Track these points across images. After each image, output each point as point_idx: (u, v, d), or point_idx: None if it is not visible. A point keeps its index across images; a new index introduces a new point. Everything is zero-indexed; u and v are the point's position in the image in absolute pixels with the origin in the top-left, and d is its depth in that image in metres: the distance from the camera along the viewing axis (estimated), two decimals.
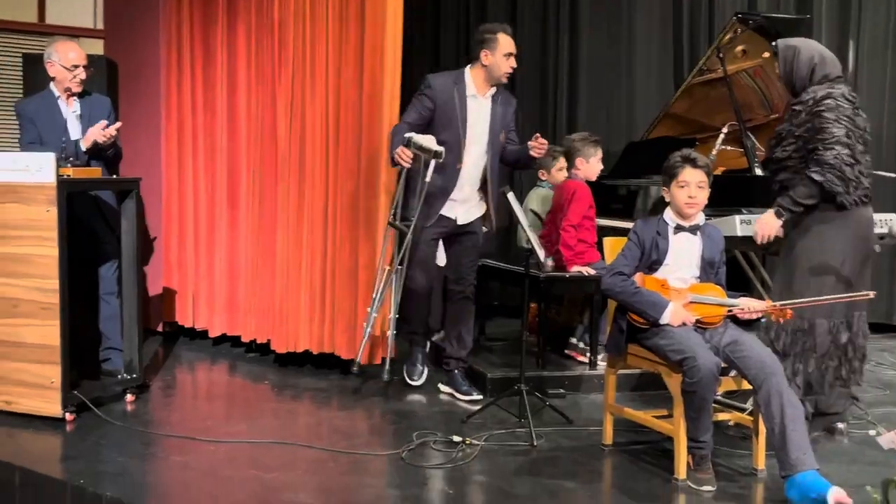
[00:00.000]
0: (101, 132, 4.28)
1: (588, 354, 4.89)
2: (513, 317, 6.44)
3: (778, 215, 3.80)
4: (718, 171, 4.52)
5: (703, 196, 3.50)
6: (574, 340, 5.10)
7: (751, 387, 3.35)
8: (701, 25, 6.66)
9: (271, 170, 5.04)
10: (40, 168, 3.80)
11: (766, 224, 3.83)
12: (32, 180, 3.81)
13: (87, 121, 4.39)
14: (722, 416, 3.66)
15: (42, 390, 3.86)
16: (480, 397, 4.46)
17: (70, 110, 4.38)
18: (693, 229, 3.54)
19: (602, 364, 4.65)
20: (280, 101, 4.98)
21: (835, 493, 3.01)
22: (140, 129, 5.50)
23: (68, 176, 3.90)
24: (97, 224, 4.44)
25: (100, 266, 4.49)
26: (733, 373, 3.46)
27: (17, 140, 4.71)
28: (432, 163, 4.11)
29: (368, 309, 4.39)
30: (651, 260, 3.54)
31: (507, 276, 5.23)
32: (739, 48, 5.37)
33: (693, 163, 3.48)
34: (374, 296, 4.41)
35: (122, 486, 3.17)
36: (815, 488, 3.05)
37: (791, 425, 3.16)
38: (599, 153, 4.91)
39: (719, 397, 3.91)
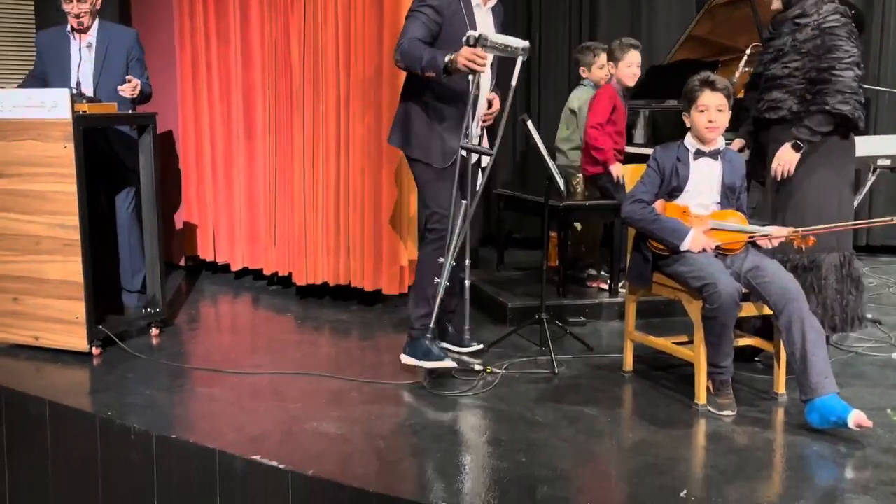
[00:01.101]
0: (129, 89, 4.26)
1: (609, 282, 4.89)
2: (531, 248, 6.44)
3: (796, 148, 3.64)
4: (741, 94, 4.41)
5: (723, 120, 3.43)
6: (593, 272, 5.10)
7: (771, 312, 3.33)
8: None
9: (286, 101, 5.00)
10: (55, 104, 3.78)
11: (786, 159, 3.67)
12: (48, 116, 3.80)
13: (102, 55, 4.35)
14: (744, 342, 3.65)
15: (68, 325, 3.92)
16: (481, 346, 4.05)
17: (83, 46, 4.33)
18: (714, 154, 3.48)
19: (622, 292, 4.65)
20: (293, 29, 4.90)
21: (855, 415, 3.02)
22: (154, 61, 5.44)
23: (84, 112, 3.89)
24: (115, 160, 4.44)
25: (118, 202, 4.50)
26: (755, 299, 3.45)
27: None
28: (519, 61, 3.46)
29: (441, 260, 3.58)
30: (671, 187, 3.49)
31: (525, 205, 5.21)
32: None
33: (712, 86, 3.40)
34: (449, 252, 3.56)
35: (149, 418, 3.23)
36: (836, 411, 3.06)
37: (812, 350, 3.15)
38: (634, 58, 4.77)
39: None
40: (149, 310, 4.34)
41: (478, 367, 3.76)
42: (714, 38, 5.63)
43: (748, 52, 5.26)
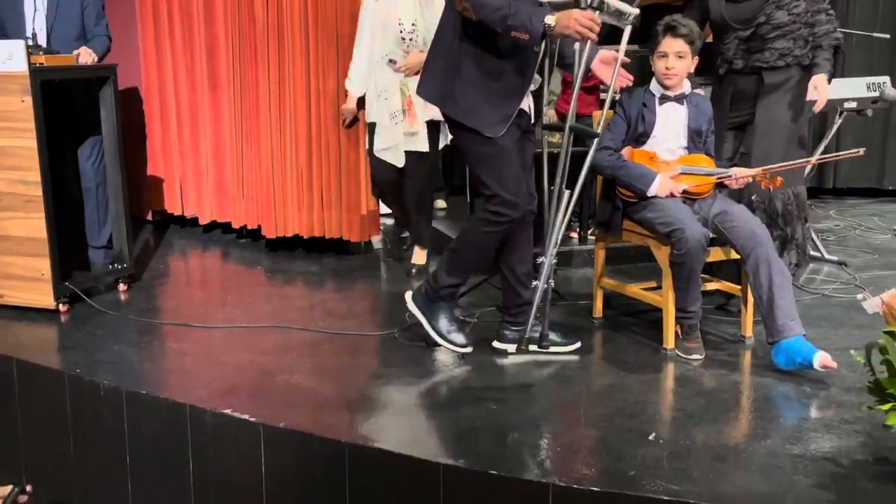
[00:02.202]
0: (88, 56, 4.17)
1: (578, 230, 4.89)
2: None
3: (830, 80, 3.72)
4: (710, 39, 4.38)
5: (681, 66, 3.40)
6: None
7: (738, 256, 3.36)
8: None
9: (250, 51, 4.89)
10: (10, 56, 3.67)
11: (826, 91, 3.69)
12: (3, 69, 3.69)
13: (55, 5, 4.22)
14: (710, 286, 3.68)
15: (33, 283, 3.86)
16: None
17: None
18: (679, 98, 3.46)
19: (592, 239, 4.65)
20: None
21: (820, 357, 3.07)
22: (114, 11, 5.31)
23: (41, 64, 3.79)
24: (76, 113, 4.34)
25: (81, 156, 4.41)
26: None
27: None
28: (627, 31, 3.14)
29: (542, 259, 3.16)
30: (638, 133, 3.48)
31: None
32: None
33: (673, 31, 3.36)
34: (551, 234, 3.17)
35: (118, 375, 3.21)
36: (802, 353, 3.10)
37: (779, 292, 3.19)
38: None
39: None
40: (116, 265, 4.30)
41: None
42: None
43: None
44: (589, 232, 4.78)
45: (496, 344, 3.44)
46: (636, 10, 3.04)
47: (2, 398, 3.42)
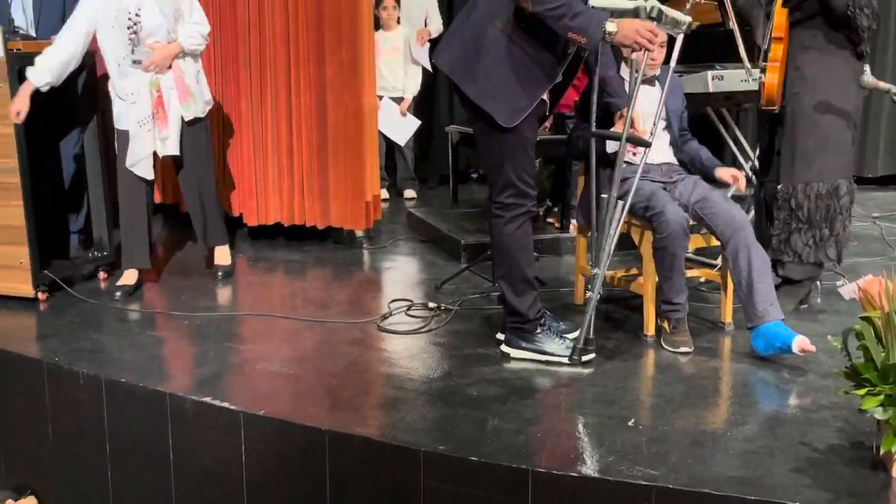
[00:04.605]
0: None
1: (561, 218, 4.90)
2: (485, 183, 6.42)
3: None
4: (696, 24, 4.38)
5: (662, 54, 3.42)
6: (549, 203, 5.11)
7: (719, 243, 3.37)
8: None
9: (231, 36, 4.85)
10: None
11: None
12: None
13: None
14: (692, 273, 3.70)
15: (12, 271, 3.83)
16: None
17: None
18: (650, 80, 3.47)
19: (573, 225, 4.66)
20: None
21: (799, 341, 3.09)
22: None
23: (18, 50, 3.75)
24: (53, 98, 4.29)
25: (62, 143, 4.37)
26: (703, 231, 3.48)
27: None
28: (679, 39, 3.14)
29: (594, 269, 3.16)
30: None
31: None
32: None
33: (659, 19, 3.32)
34: (605, 243, 3.15)
35: (98, 363, 3.19)
36: (780, 337, 3.12)
37: (758, 277, 3.20)
38: None
39: (690, 255, 3.95)
40: (96, 253, 4.27)
41: (431, 305, 3.77)
42: None
43: None
44: (571, 221, 4.79)
45: (511, 351, 3.24)
46: (689, 19, 3.02)
47: None
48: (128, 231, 4.04)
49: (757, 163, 4.32)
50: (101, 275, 4.24)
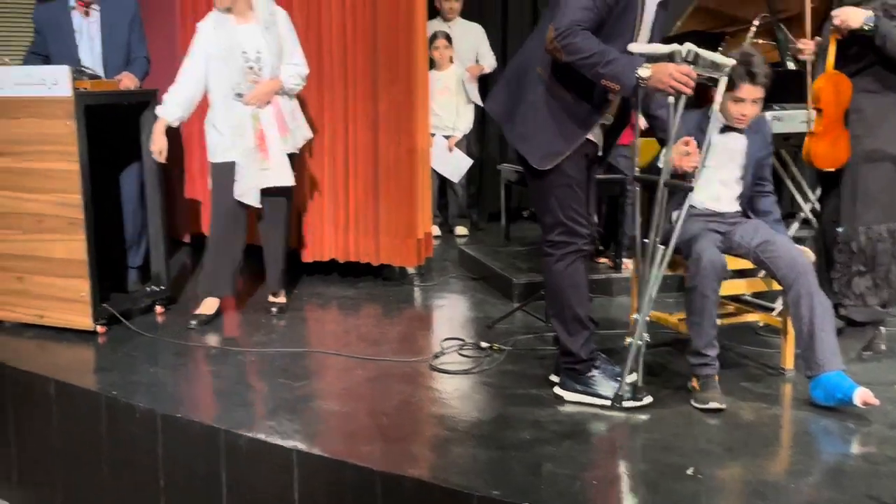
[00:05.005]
0: (130, 81, 4.26)
1: (614, 258, 4.86)
2: (536, 221, 6.40)
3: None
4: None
5: (755, 111, 3.31)
6: (601, 247, 5.07)
7: (780, 288, 3.30)
8: None
9: None
10: (56, 82, 3.75)
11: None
12: (49, 94, 3.77)
13: (107, 28, 4.29)
14: (751, 317, 3.63)
15: (72, 304, 3.91)
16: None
17: (85, 22, 4.26)
18: (740, 129, 3.37)
19: (627, 268, 4.61)
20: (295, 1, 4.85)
21: (861, 393, 2.99)
22: (155, 36, 5.39)
23: (85, 89, 3.86)
24: (117, 136, 4.41)
25: (122, 178, 4.48)
26: (763, 274, 3.41)
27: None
28: (722, 84, 3.01)
29: (635, 315, 3.18)
30: None
31: None
32: None
33: (753, 79, 3.22)
34: (647, 289, 3.13)
35: (154, 397, 3.22)
36: (841, 388, 3.03)
37: (820, 325, 3.12)
38: None
39: (748, 297, 3.89)
40: (153, 287, 4.33)
41: (484, 345, 3.75)
42: (722, 8, 5.53)
43: (756, 23, 5.18)
44: (623, 259, 4.74)
45: (565, 394, 3.20)
46: (732, 61, 2.94)
47: (40, 418, 3.45)
48: (215, 260, 4.18)
49: (817, 204, 4.26)
50: (158, 309, 4.30)
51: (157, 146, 3.95)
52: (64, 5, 4.28)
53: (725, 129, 3.37)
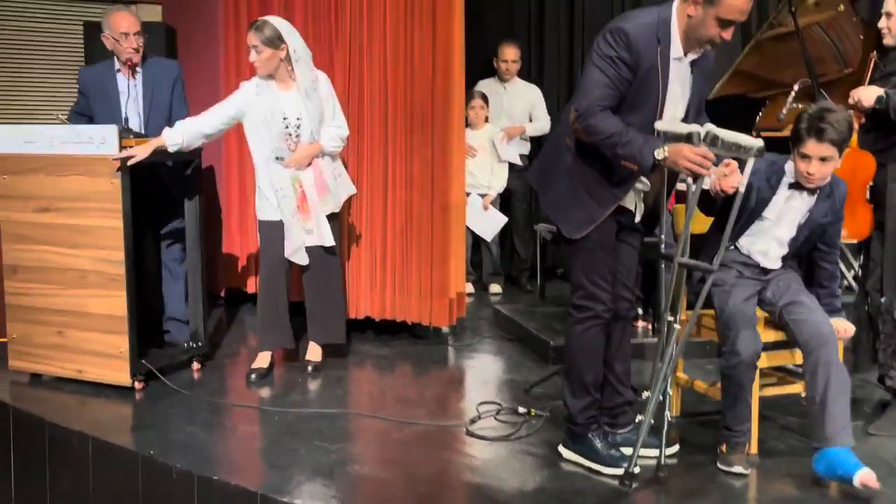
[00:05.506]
0: None
1: (652, 321, 4.81)
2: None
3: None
4: (789, 131, 4.34)
5: (827, 170, 3.08)
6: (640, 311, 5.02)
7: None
8: None
9: None
10: (103, 140, 3.82)
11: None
12: (96, 152, 3.84)
13: (150, 89, 4.38)
14: (793, 389, 3.55)
15: (111, 359, 3.93)
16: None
17: (131, 83, 4.34)
18: (812, 190, 3.19)
19: None
20: (337, 60, 4.92)
21: (862, 474, 2.90)
22: (199, 95, 5.50)
23: (131, 147, 3.92)
24: (160, 194, 4.47)
25: (163, 237, 4.53)
26: None
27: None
28: (749, 165, 2.93)
29: (644, 393, 3.19)
30: (749, 209, 3.19)
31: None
32: (812, 0, 5.14)
33: (819, 136, 3.02)
34: (660, 365, 3.13)
35: (190, 457, 3.21)
36: (844, 466, 2.95)
37: (833, 398, 3.02)
38: None
39: (790, 367, 3.81)
40: (191, 344, 4.35)
41: (521, 410, 3.71)
42: (761, 72, 5.55)
43: (796, 87, 5.18)
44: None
45: (564, 452, 3.26)
46: (759, 143, 2.82)
47: (77, 475, 3.45)
48: (268, 315, 4.25)
49: (860, 271, 4.20)
50: (195, 365, 4.31)
51: (135, 152, 3.82)
52: (111, 68, 4.38)
53: (795, 185, 3.20)
